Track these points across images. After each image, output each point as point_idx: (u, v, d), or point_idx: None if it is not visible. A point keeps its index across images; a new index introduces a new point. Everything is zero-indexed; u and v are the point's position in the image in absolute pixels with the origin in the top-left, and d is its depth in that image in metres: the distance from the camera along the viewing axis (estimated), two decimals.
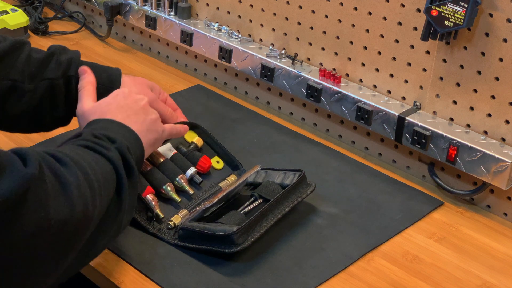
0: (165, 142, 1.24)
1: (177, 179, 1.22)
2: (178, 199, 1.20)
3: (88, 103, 1.13)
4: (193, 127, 1.30)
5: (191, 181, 1.25)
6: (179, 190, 1.22)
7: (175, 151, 1.26)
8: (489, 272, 1.16)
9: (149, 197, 1.17)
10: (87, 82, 1.17)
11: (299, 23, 1.48)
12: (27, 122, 1.20)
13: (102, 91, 1.19)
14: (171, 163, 1.23)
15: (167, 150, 1.25)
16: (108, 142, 1.01)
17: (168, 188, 1.20)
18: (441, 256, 1.18)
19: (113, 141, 1.02)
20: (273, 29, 1.53)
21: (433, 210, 1.29)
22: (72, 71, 1.19)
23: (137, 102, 1.13)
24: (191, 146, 1.29)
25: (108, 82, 1.21)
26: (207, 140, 1.31)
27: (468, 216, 1.29)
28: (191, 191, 1.22)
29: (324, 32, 1.44)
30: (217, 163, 1.30)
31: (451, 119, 1.31)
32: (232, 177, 1.28)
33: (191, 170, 1.24)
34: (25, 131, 1.26)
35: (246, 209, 1.18)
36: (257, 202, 1.19)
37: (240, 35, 1.57)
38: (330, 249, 1.17)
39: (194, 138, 1.30)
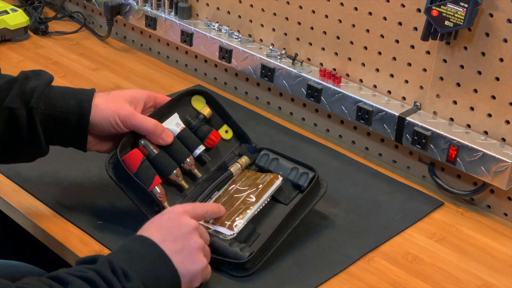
0: (172, 113, 1.21)
1: (185, 161, 1.18)
2: (185, 185, 1.18)
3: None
4: (201, 93, 1.25)
5: (199, 159, 1.21)
6: (186, 173, 1.20)
7: (183, 125, 1.21)
8: (489, 272, 1.16)
9: (157, 189, 1.15)
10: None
11: (299, 23, 1.48)
12: None
13: (72, 118, 1.13)
14: (178, 143, 1.19)
15: (174, 125, 1.20)
16: (122, 279, 0.93)
17: (176, 174, 1.17)
18: (441, 256, 1.18)
19: (128, 279, 0.94)
20: (273, 29, 1.53)
21: (433, 210, 1.29)
22: (34, 102, 1.11)
23: (180, 228, 1.03)
24: (200, 117, 1.23)
25: (77, 109, 1.13)
26: (216, 108, 1.26)
27: (468, 216, 1.29)
28: (199, 174, 1.20)
29: (324, 32, 1.44)
30: (225, 132, 1.26)
31: (451, 119, 1.31)
32: (243, 160, 1.24)
33: (199, 149, 1.20)
34: (1, 162, 1.18)
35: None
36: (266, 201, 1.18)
37: (240, 35, 1.56)
38: (330, 249, 1.17)
39: (202, 106, 1.24)
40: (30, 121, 1.11)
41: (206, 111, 1.24)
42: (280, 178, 1.20)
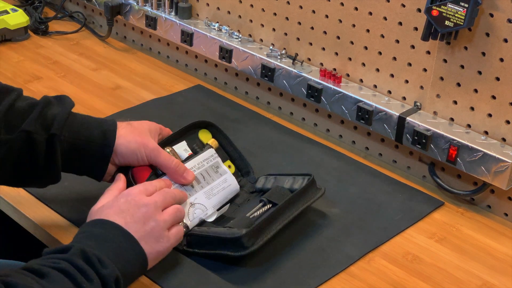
0: (179, 140, 1.22)
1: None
2: None
3: (100, 203, 1.08)
4: (208, 126, 1.28)
5: None
6: None
7: (190, 152, 1.23)
8: (490, 272, 1.16)
9: None
10: (115, 187, 1.11)
11: (299, 23, 1.48)
12: (10, 176, 1.12)
13: (96, 148, 1.12)
14: None
15: (182, 150, 1.22)
16: (98, 266, 0.95)
17: None
18: (442, 256, 1.18)
19: (104, 266, 0.95)
20: (274, 29, 1.53)
21: (433, 210, 1.29)
22: (57, 129, 1.09)
23: (139, 209, 1.05)
24: (206, 147, 1.25)
25: (101, 139, 1.13)
26: (222, 141, 1.28)
27: (468, 216, 1.29)
28: None
29: (325, 32, 1.44)
30: (228, 167, 1.26)
31: (452, 119, 1.31)
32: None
33: None
34: (12, 185, 1.18)
35: (256, 214, 1.17)
36: (266, 207, 1.18)
37: (240, 35, 1.56)
38: (330, 249, 1.17)
39: (209, 139, 1.27)
40: (50, 148, 1.10)
41: (212, 143, 1.26)
42: (213, 144, 1.24)
